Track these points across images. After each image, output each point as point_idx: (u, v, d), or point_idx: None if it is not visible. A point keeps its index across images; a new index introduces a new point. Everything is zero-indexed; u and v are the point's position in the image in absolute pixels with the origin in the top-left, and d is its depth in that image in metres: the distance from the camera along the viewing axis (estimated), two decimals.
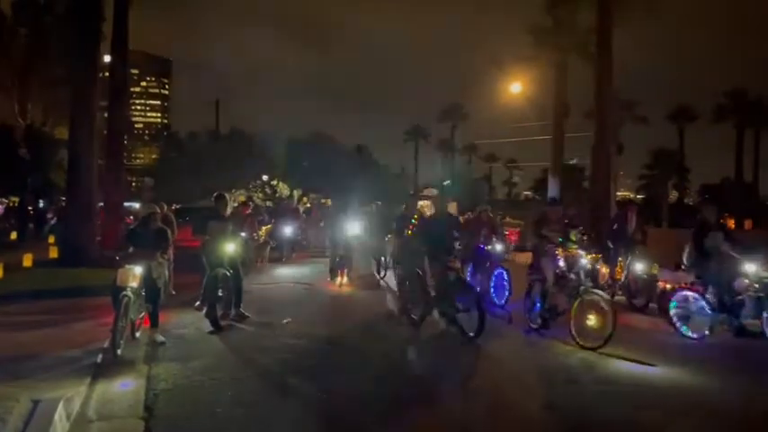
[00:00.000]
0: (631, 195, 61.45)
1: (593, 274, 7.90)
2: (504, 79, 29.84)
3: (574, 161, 45.05)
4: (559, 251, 8.15)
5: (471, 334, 7.57)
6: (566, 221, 8.63)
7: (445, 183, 47.61)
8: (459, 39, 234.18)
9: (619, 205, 17.04)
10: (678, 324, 8.15)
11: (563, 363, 6.85)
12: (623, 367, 6.65)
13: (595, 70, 21.24)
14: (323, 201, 31.56)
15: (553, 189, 27.66)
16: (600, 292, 7.57)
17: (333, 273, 12.79)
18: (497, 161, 77.38)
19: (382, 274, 13.28)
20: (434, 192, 33.76)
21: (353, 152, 62.84)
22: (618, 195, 25.21)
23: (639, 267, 10.26)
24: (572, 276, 7.82)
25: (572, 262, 7.96)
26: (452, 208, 10.93)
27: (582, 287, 7.59)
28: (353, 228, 13.00)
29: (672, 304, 8.32)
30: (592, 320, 7.33)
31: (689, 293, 8.14)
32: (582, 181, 42.08)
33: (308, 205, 27.65)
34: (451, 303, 8.05)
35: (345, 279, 12.49)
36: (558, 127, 28.27)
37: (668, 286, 9.14)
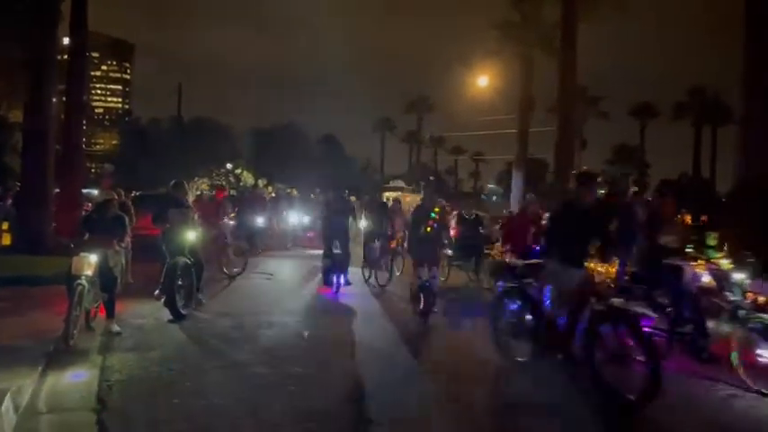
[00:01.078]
0: None
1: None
2: (472, 74, 30.16)
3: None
4: (700, 264, 6.47)
5: (631, 397, 4.91)
6: (688, 225, 6.99)
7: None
8: (429, 34, 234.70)
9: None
10: None
11: None
12: None
13: (559, 65, 21.58)
14: (288, 191, 31.35)
15: (517, 183, 28.00)
16: None
17: (327, 276, 10.82)
18: (464, 154, 77.96)
19: (368, 275, 11.58)
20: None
21: (322, 142, 62.41)
22: None
23: None
24: (727, 296, 6.03)
25: (719, 276, 6.24)
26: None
27: (741, 310, 5.87)
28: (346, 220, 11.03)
29: None
30: (766, 357, 5.59)
31: None
32: (545, 175, 42.68)
33: (273, 195, 27.36)
34: (600, 345, 5.32)
35: (343, 283, 10.68)
36: (523, 121, 28.65)
37: (760, 299, 7.40)
